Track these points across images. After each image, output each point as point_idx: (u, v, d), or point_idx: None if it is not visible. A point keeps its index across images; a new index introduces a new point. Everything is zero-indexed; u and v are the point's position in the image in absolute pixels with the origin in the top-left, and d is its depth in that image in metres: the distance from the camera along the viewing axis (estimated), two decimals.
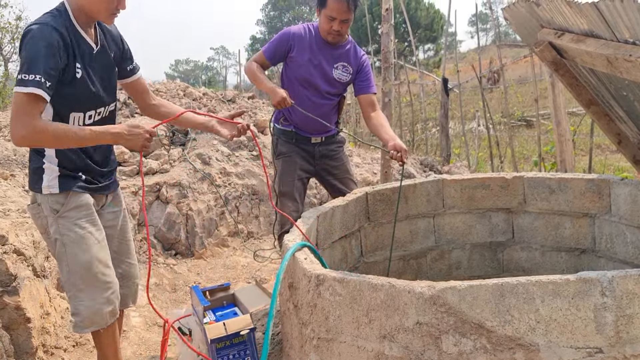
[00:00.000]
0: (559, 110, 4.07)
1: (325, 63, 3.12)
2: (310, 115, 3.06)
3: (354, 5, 2.94)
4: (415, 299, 1.74)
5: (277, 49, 3.10)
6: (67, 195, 2.13)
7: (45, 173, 2.13)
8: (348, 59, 3.17)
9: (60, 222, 2.12)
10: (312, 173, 3.35)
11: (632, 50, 1.89)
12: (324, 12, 2.96)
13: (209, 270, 4.06)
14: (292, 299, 2.25)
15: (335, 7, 2.91)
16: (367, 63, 3.26)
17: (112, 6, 2.09)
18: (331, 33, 3.01)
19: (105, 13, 2.10)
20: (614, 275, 1.62)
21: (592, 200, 2.96)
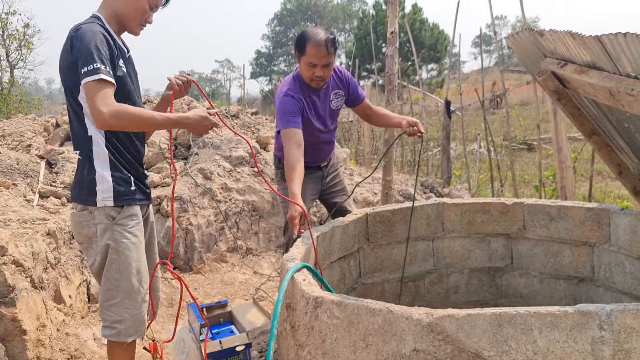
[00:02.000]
0: (561, 136, 4.09)
1: (321, 104, 3.09)
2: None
3: (333, 48, 2.87)
4: (413, 325, 1.74)
5: (298, 113, 2.94)
6: (122, 207, 2.19)
7: (97, 185, 2.16)
8: (336, 85, 3.15)
9: (116, 228, 2.16)
10: (319, 192, 3.39)
11: (634, 85, 1.91)
12: (304, 59, 2.89)
13: (206, 286, 4.05)
14: (290, 319, 2.25)
15: (314, 53, 2.83)
16: (350, 76, 3.25)
17: (144, 17, 2.26)
18: (314, 79, 2.93)
19: (136, 22, 2.25)
20: (612, 309, 1.62)
21: (591, 229, 2.96)
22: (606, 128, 2.64)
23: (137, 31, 2.31)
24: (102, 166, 2.17)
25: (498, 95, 7.74)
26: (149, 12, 2.26)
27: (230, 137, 5.28)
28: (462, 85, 7.72)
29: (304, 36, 2.89)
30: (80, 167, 2.23)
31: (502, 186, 5.92)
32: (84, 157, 2.20)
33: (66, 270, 3.29)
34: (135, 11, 2.22)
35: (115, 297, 2.19)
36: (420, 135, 2.99)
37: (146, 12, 2.25)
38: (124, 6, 2.21)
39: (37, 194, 4.08)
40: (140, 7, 2.22)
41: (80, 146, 2.21)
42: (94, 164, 2.17)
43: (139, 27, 2.29)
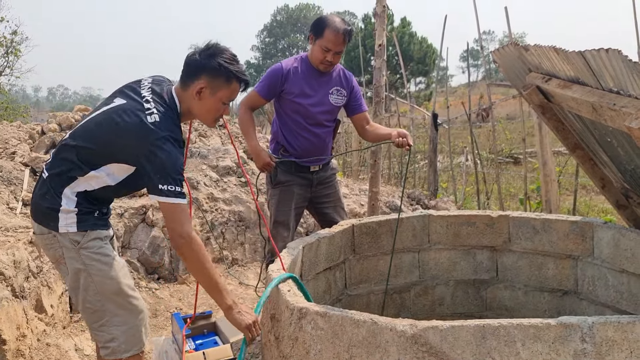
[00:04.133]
0: (545, 150, 4.14)
1: (321, 91, 3.18)
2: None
3: (348, 38, 3.04)
4: (397, 337, 1.73)
5: (271, 84, 3.13)
6: (86, 231, 2.13)
7: (61, 213, 2.09)
8: (340, 83, 3.25)
9: (82, 252, 2.10)
10: (308, 201, 3.39)
11: (616, 100, 1.94)
12: (319, 42, 3.03)
13: (191, 296, 4.01)
14: (274, 330, 2.24)
15: (332, 39, 2.99)
16: (356, 83, 3.36)
17: (218, 114, 2.23)
18: (324, 63, 3.08)
19: (210, 120, 2.24)
20: (594, 322, 1.64)
21: (575, 242, 2.99)
22: (589, 142, 2.68)
23: (212, 125, 2.33)
24: (70, 199, 2.10)
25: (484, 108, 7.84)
26: (224, 107, 2.21)
27: (218, 147, 5.26)
28: (450, 99, 7.79)
29: (324, 21, 3.03)
30: (43, 188, 2.13)
31: (488, 199, 5.97)
32: (54, 182, 2.11)
33: (48, 280, 3.25)
34: (208, 112, 2.19)
35: (102, 318, 2.14)
36: (409, 148, 3.02)
37: (220, 110, 2.20)
38: (197, 107, 2.17)
39: (20, 202, 4.03)
40: (212, 108, 2.18)
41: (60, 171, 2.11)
42: (62, 197, 2.10)
43: (214, 122, 2.29)
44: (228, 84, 2.13)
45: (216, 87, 2.12)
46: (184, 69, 2.16)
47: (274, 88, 3.13)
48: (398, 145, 3.01)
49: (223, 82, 2.12)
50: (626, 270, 2.69)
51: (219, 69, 2.10)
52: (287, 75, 3.11)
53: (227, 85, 2.13)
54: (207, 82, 2.10)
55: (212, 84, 2.11)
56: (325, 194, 3.40)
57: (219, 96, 2.14)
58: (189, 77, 2.13)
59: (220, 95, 2.13)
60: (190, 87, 2.12)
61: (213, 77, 2.11)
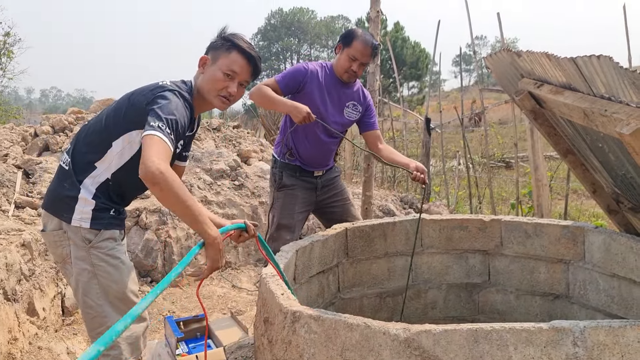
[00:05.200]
0: (537, 155, 4.17)
1: (337, 102, 3.24)
2: (338, 133, 3.21)
3: (374, 53, 3.13)
4: (390, 340, 1.74)
5: (292, 80, 3.15)
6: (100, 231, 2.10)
7: (78, 204, 2.07)
8: (358, 98, 3.32)
9: (92, 252, 2.07)
10: (313, 205, 3.45)
11: (608, 106, 1.96)
12: (347, 51, 3.10)
13: (184, 299, 4.00)
14: (267, 334, 2.24)
15: (360, 49, 3.07)
16: (372, 102, 3.45)
17: (219, 86, 2.16)
18: (348, 72, 3.15)
19: (212, 94, 2.17)
20: (585, 326, 1.65)
21: (566, 246, 3.01)
22: (581, 147, 2.70)
23: (217, 103, 2.21)
24: (89, 190, 2.08)
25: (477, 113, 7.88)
26: (226, 82, 2.16)
27: (212, 150, 5.26)
28: (443, 103, 7.83)
29: (354, 32, 3.14)
30: (62, 177, 2.13)
31: (480, 203, 5.99)
32: (76, 170, 2.10)
33: (40, 282, 3.23)
34: (209, 82, 2.15)
35: (103, 325, 2.09)
36: (424, 186, 3.10)
37: (220, 81, 2.15)
38: (201, 81, 2.18)
39: (12, 204, 4.01)
40: (212, 77, 2.15)
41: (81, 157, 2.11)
42: (82, 183, 2.08)
43: (217, 98, 2.18)
44: (228, 52, 2.15)
45: (216, 56, 2.15)
46: None
47: (293, 83, 3.14)
48: (414, 179, 3.08)
49: (223, 51, 2.15)
50: (617, 275, 2.72)
51: (222, 41, 2.17)
52: (311, 77, 3.17)
53: (227, 53, 2.15)
54: (211, 54, 2.17)
55: (213, 54, 2.16)
56: (333, 194, 3.48)
57: (220, 64, 2.14)
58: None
59: (219, 63, 2.14)
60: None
61: (215, 48, 2.17)
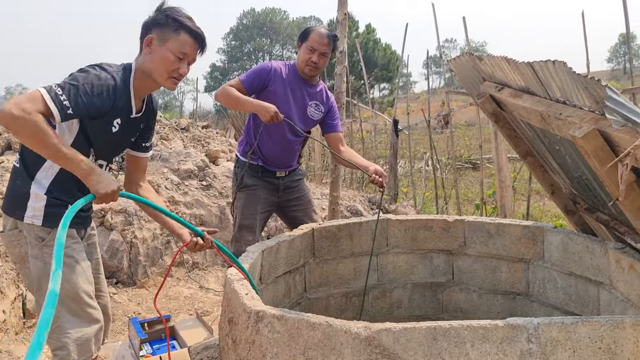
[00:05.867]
0: (501, 157, 4.26)
1: (301, 100, 3.27)
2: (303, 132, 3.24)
3: (332, 41, 3.19)
4: (351, 339, 1.77)
5: (257, 79, 3.18)
6: (52, 229, 2.06)
7: (30, 200, 2.04)
8: (321, 99, 3.35)
9: (45, 250, 2.03)
10: (275, 206, 3.46)
11: (563, 109, 2.02)
12: (305, 44, 3.18)
13: (150, 301, 3.97)
14: (231, 334, 2.24)
15: (317, 39, 3.14)
16: (335, 104, 3.48)
17: (170, 67, 2.12)
18: (309, 64, 3.19)
19: (163, 76, 2.13)
20: (539, 323, 1.71)
21: (527, 246, 3.09)
22: (540, 150, 2.78)
23: (168, 85, 2.17)
24: (42, 185, 2.05)
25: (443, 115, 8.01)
26: (177, 64, 2.12)
27: (180, 150, 5.22)
28: (413, 105, 7.93)
29: (309, 27, 3.25)
30: (14, 176, 2.11)
31: (447, 204, 6.09)
32: (26, 165, 2.08)
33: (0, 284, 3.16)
34: (159, 64, 2.10)
35: (55, 324, 2.04)
36: (382, 190, 3.15)
37: (171, 63, 2.11)
38: (149, 61, 2.12)
39: None
40: (162, 58, 2.10)
41: (29, 152, 2.04)
42: (34, 178, 2.05)
43: (168, 80, 2.15)
44: (176, 34, 2.11)
45: (165, 36, 2.10)
46: (140, 34, 2.17)
47: (258, 82, 3.17)
48: (373, 181, 3.12)
49: (172, 32, 2.10)
50: (574, 273, 2.80)
51: (167, 19, 2.11)
52: (275, 75, 3.20)
53: (176, 35, 2.11)
54: (156, 34, 2.11)
55: (160, 34, 2.10)
56: (294, 197, 3.48)
57: (168, 46, 2.10)
58: (142, 37, 2.15)
59: (169, 45, 2.10)
60: (143, 45, 2.14)
61: (162, 28, 2.11)
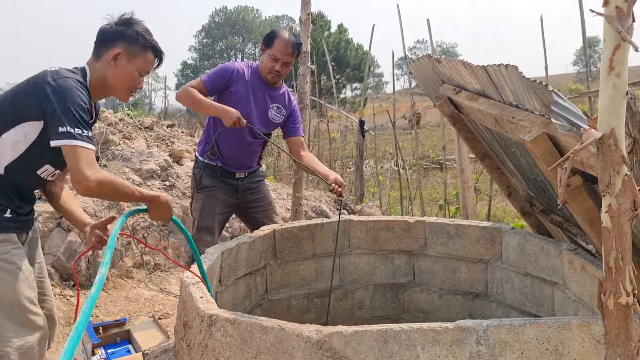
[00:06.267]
0: (463, 158, 4.31)
1: (262, 102, 3.23)
2: (264, 136, 3.21)
3: (297, 51, 3.16)
4: (303, 343, 1.76)
5: (219, 79, 3.14)
6: None
7: None
8: (283, 102, 3.33)
9: None
10: (234, 207, 3.43)
11: (515, 113, 2.05)
12: (269, 51, 3.12)
13: (109, 303, 3.89)
14: (186, 338, 2.21)
15: (281, 49, 3.09)
16: (297, 108, 3.46)
17: (133, 84, 2.17)
18: (272, 72, 3.15)
19: (125, 91, 2.18)
20: (488, 325, 1.72)
21: (485, 247, 3.12)
22: (498, 152, 2.81)
23: (126, 98, 2.24)
24: None
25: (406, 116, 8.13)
26: (139, 79, 2.19)
27: (142, 150, 5.13)
28: (386, 105, 7.98)
29: (275, 33, 3.17)
30: None
31: (412, 204, 6.14)
32: None
33: None
34: (124, 80, 2.14)
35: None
36: (341, 199, 3.16)
37: (136, 80, 2.17)
38: (112, 75, 2.12)
39: None
40: (129, 76, 2.14)
41: None
42: None
43: (128, 95, 2.21)
44: (144, 53, 2.15)
45: (133, 54, 2.12)
46: (98, 39, 2.15)
47: (220, 82, 3.13)
48: (332, 190, 3.11)
49: (140, 50, 2.13)
50: (530, 274, 2.84)
51: (137, 36, 2.12)
52: (237, 77, 3.16)
53: (144, 54, 2.15)
54: (124, 49, 2.10)
55: (128, 50, 2.11)
56: (254, 199, 3.46)
57: (136, 64, 2.13)
58: (103, 45, 2.13)
59: (136, 62, 2.13)
60: (104, 55, 2.11)
61: (130, 44, 2.12)
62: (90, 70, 2.12)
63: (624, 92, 1.22)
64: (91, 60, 2.15)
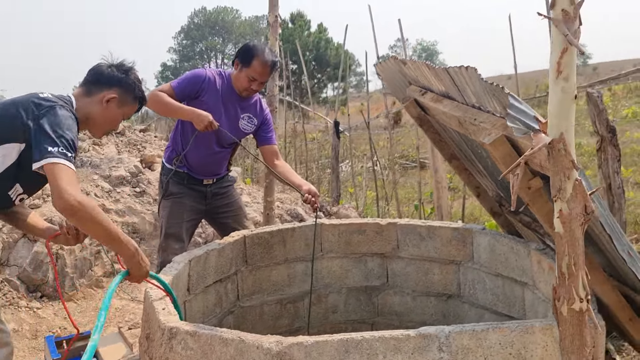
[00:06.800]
0: (437, 158, 4.30)
1: (233, 112, 3.16)
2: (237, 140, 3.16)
3: (274, 69, 3.16)
4: (263, 354, 1.72)
5: (189, 86, 3.06)
6: None
7: None
8: (254, 111, 3.25)
9: None
10: (203, 214, 3.37)
11: (477, 115, 2.03)
12: (247, 71, 3.03)
13: (78, 314, 3.80)
14: (149, 351, 2.15)
15: (260, 70, 3.02)
16: (270, 116, 3.38)
17: (114, 127, 2.28)
18: (248, 90, 3.09)
19: (105, 130, 2.27)
20: (450, 331, 1.70)
21: (457, 248, 3.11)
22: (467, 153, 2.80)
23: (99, 136, 2.33)
24: None
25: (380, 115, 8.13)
26: (119, 123, 2.29)
27: (112, 156, 5.04)
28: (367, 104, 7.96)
29: (253, 50, 3.02)
30: None
31: (388, 205, 6.12)
32: None
33: None
34: (109, 123, 2.23)
35: None
36: (315, 210, 3.12)
37: (117, 123, 2.27)
38: (98, 113, 2.17)
39: None
40: (114, 118, 2.22)
41: None
42: None
43: (103, 134, 2.30)
44: (134, 103, 2.27)
45: (124, 101, 2.21)
46: (94, 76, 2.20)
47: (190, 91, 3.06)
48: (305, 201, 3.07)
49: (131, 99, 2.24)
50: (501, 274, 2.83)
51: (133, 86, 2.23)
52: (208, 85, 3.09)
53: (133, 103, 2.26)
54: (119, 95, 2.19)
55: (122, 97, 2.20)
56: (223, 204, 3.40)
57: (124, 110, 2.23)
58: (98, 85, 2.18)
59: (125, 110, 2.23)
60: (97, 94, 2.16)
61: (125, 92, 2.21)
62: (77, 103, 2.14)
63: (573, 95, 1.20)
64: (80, 93, 2.19)
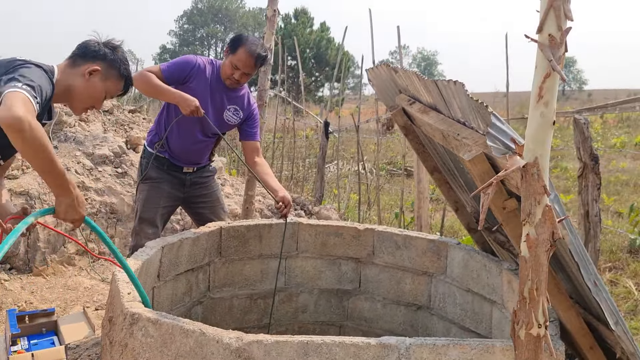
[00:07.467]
0: (421, 168, 4.30)
1: (219, 102, 3.13)
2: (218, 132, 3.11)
3: (260, 64, 3.04)
4: (222, 349, 1.71)
5: (178, 71, 3.03)
6: None
7: None
8: (241, 104, 3.22)
9: None
10: (180, 201, 3.34)
11: (461, 130, 2.03)
12: (231, 58, 3.00)
13: (45, 290, 3.75)
14: (110, 334, 2.13)
15: (243, 59, 2.97)
16: (257, 112, 3.34)
17: (94, 103, 2.21)
18: (230, 79, 3.05)
19: (84, 105, 2.19)
20: (411, 343, 1.69)
21: (431, 259, 3.11)
22: (450, 166, 2.80)
23: (79, 113, 2.27)
24: None
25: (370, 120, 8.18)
26: (102, 101, 2.23)
27: (97, 134, 4.99)
28: (363, 107, 7.96)
29: (241, 39, 3.02)
30: None
31: (369, 210, 6.13)
32: None
33: None
34: (90, 96, 2.17)
35: None
36: (285, 219, 3.12)
37: (99, 100, 2.21)
38: (82, 87, 2.13)
39: None
40: (97, 94, 2.17)
41: None
42: None
43: (83, 110, 2.24)
44: (118, 80, 2.21)
45: (108, 76, 2.17)
46: (81, 50, 2.17)
47: (179, 75, 3.02)
48: (277, 208, 3.07)
49: (116, 75, 2.19)
50: (471, 290, 2.84)
51: (118, 63, 2.19)
52: (198, 72, 3.06)
53: (118, 79, 2.21)
54: (103, 68, 2.15)
55: (106, 71, 2.16)
56: (201, 194, 3.38)
57: (107, 85, 2.18)
58: (84, 57, 2.15)
59: (108, 85, 2.18)
60: (81, 65, 2.13)
61: (109, 67, 2.17)
62: (60, 73, 2.11)
63: (551, 121, 1.20)
64: (64, 64, 2.15)
